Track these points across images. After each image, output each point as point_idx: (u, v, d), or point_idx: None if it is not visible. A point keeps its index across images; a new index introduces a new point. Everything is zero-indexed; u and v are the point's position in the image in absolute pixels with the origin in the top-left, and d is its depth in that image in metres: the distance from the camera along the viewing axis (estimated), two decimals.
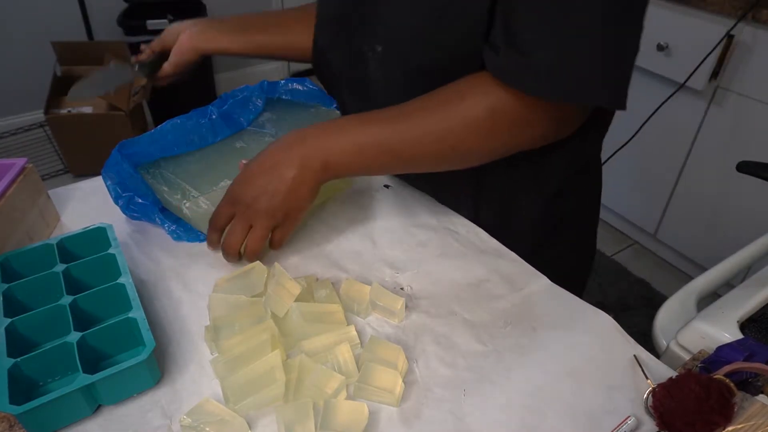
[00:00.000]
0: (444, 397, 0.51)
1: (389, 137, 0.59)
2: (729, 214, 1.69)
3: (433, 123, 0.58)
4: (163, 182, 0.70)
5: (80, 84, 0.80)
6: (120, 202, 0.69)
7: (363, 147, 0.59)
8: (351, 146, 0.59)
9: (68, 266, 0.58)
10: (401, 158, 0.60)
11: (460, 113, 0.58)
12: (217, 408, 0.48)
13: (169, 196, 0.68)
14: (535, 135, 0.60)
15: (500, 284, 0.63)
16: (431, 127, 0.58)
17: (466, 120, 0.57)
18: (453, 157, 0.61)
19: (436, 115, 0.58)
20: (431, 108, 0.59)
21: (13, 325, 0.52)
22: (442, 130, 0.58)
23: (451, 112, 0.58)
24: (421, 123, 0.59)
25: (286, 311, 0.56)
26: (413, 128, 0.59)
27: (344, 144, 0.59)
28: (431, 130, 0.58)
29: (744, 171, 1.05)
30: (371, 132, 0.59)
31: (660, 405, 0.47)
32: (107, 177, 0.69)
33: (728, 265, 0.85)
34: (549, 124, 0.60)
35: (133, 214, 0.69)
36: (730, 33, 1.48)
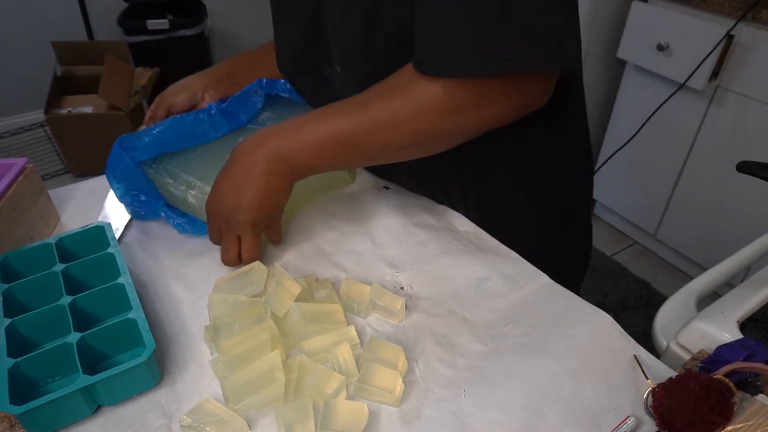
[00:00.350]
0: (444, 397, 0.51)
1: (346, 130, 0.59)
2: (729, 214, 1.69)
3: (387, 112, 0.58)
4: (166, 175, 0.70)
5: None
6: (126, 200, 0.68)
7: (322, 143, 0.59)
8: (310, 145, 0.59)
9: (67, 266, 0.58)
10: (362, 151, 0.60)
11: (410, 102, 0.57)
12: (217, 408, 0.48)
13: (173, 188, 0.68)
14: (489, 115, 0.58)
15: (500, 284, 0.63)
16: (385, 115, 0.58)
17: (417, 107, 0.57)
18: (415, 143, 0.60)
19: (388, 104, 0.58)
20: (382, 98, 0.59)
21: (13, 325, 0.52)
22: (395, 118, 0.58)
23: (401, 100, 0.57)
24: (376, 114, 0.58)
25: (286, 311, 0.56)
26: (368, 119, 0.58)
27: (303, 143, 0.59)
28: (385, 118, 0.58)
29: (744, 171, 1.04)
30: (328, 128, 0.59)
31: (660, 405, 0.47)
32: (111, 175, 0.69)
33: (728, 265, 0.85)
34: (497, 100, 0.57)
35: (139, 211, 0.69)
36: (730, 33, 1.48)
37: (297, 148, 0.59)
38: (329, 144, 0.59)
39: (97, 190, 0.78)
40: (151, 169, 0.71)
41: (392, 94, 0.58)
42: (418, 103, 0.57)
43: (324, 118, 0.60)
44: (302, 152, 0.59)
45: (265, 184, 0.59)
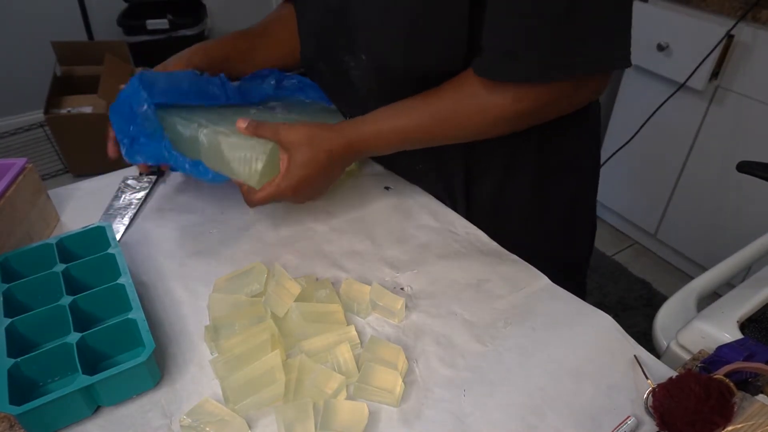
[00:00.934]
0: (444, 397, 0.51)
1: (414, 129, 0.64)
2: (729, 214, 1.69)
3: (454, 120, 0.64)
4: (176, 115, 0.68)
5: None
6: (125, 141, 0.66)
7: (388, 138, 0.66)
8: (384, 142, 0.66)
9: (68, 266, 0.58)
10: (425, 143, 0.67)
11: (476, 109, 0.62)
12: (217, 408, 0.48)
13: (183, 126, 0.66)
14: (552, 113, 0.64)
15: (500, 284, 0.63)
16: (452, 122, 0.64)
17: (484, 115, 0.62)
18: (475, 138, 0.66)
19: (454, 111, 0.63)
20: (446, 104, 0.63)
21: (13, 325, 0.52)
22: (460, 123, 0.63)
23: (467, 107, 0.62)
24: (442, 118, 0.64)
25: (286, 311, 0.56)
26: (435, 123, 0.64)
27: (377, 142, 0.66)
28: (452, 124, 0.64)
29: (744, 171, 1.04)
30: (398, 128, 0.65)
31: (660, 405, 0.47)
32: (115, 113, 0.67)
33: (728, 265, 0.85)
34: (561, 100, 0.62)
35: (136, 157, 0.66)
36: (730, 33, 1.48)
37: (371, 146, 0.66)
38: (395, 139, 0.66)
39: (97, 190, 0.78)
40: (161, 110, 0.69)
41: (459, 101, 0.62)
42: (486, 111, 0.61)
43: (398, 117, 0.65)
44: (373, 147, 0.66)
45: (336, 175, 0.68)
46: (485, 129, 0.64)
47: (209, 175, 0.65)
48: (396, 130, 0.65)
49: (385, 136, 0.65)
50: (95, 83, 2.23)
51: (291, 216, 0.73)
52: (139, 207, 0.75)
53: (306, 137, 0.63)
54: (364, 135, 0.65)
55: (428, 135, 0.65)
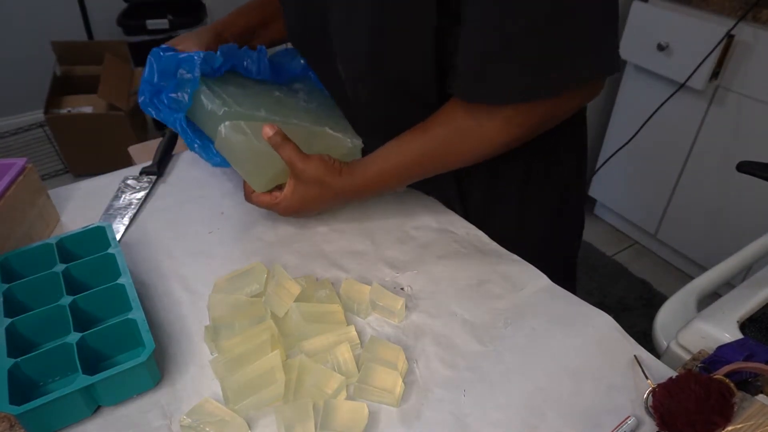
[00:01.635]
0: (444, 397, 0.51)
1: (409, 164, 0.65)
2: (729, 214, 1.69)
3: (451, 154, 0.64)
4: (204, 85, 0.66)
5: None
6: (147, 90, 0.66)
7: (388, 176, 0.66)
8: (379, 183, 0.67)
9: (68, 266, 0.58)
10: (417, 176, 0.67)
11: (471, 140, 0.62)
12: (217, 408, 0.48)
13: (207, 98, 0.65)
14: (549, 124, 0.62)
15: (500, 284, 0.63)
16: (449, 155, 0.64)
17: (480, 142, 0.62)
18: (457, 165, 0.66)
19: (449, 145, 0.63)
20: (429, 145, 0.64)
21: (14, 325, 0.52)
22: (459, 154, 0.63)
23: (462, 141, 0.62)
24: (438, 151, 0.64)
25: (286, 311, 0.56)
26: (430, 156, 0.64)
27: (373, 184, 0.67)
28: (448, 156, 0.64)
29: (744, 171, 1.04)
30: (393, 160, 0.65)
31: (660, 405, 0.47)
32: (156, 57, 0.66)
33: (728, 265, 0.85)
34: (556, 112, 0.61)
35: (149, 110, 0.66)
36: (730, 33, 1.48)
37: (375, 187, 0.68)
38: (396, 177, 0.67)
39: (97, 190, 0.78)
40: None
41: (450, 136, 0.62)
42: (480, 140, 0.61)
43: (393, 159, 0.65)
44: (377, 188, 0.68)
45: (331, 203, 0.69)
46: (483, 154, 0.63)
47: (216, 160, 0.66)
48: (397, 167, 0.65)
49: (387, 176, 0.66)
50: (95, 83, 2.23)
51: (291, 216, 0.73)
52: (139, 207, 0.75)
53: (318, 178, 0.64)
54: (370, 177, 0.66)
55: (427, 170, 0.66)
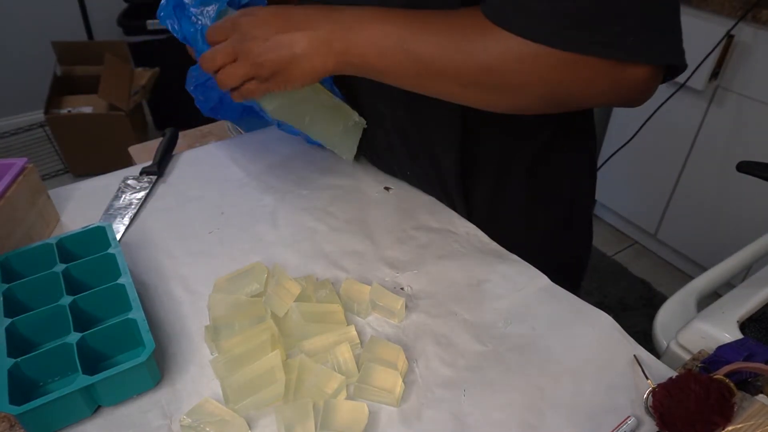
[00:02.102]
0: (444, 397, 0.51)
1: (421, 46, 0.53)
2: (729, 214, 1.69)
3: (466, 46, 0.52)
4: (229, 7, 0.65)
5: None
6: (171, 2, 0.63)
7: (390, 48, 0.54)
8: (373, 47, 0.55)
9: (68, 266, 0.58)
10: (426, 70, 0.55)
11: (492, 46, 0.51)
12: (217, 408, 0.48)
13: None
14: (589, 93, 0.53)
15: (500, 284, 0.63)
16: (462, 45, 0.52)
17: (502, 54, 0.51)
18: (485, 85, 0.54)
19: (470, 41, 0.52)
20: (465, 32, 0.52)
21: (14, 325, 0.52)
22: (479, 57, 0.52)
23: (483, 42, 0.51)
24: (452, 43, 0.52)
25: (286, 311, 0.56)
26: (448, 44, 0.53)
27: (365, 43, 0.55)
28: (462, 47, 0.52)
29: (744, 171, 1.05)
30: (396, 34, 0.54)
31: (660, 405, 0.47)
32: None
33: (728, 265, 0.85)
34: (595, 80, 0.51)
35: (167, 21, 0.64)
36: (730, 33, 1.48)
37: (357, 44, 0.55)
38: (394, 52, 0.54)
39: (97, 190, 0.78)
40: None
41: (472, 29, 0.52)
42: (504, 51, 0.50)
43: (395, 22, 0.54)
44: (367, 46, 0.55)
45: (303, 50, 0.55)
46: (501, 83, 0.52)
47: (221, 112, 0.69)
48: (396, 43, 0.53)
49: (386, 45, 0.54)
50: (95, 83, 2.23)
51: (291, 216, 0.74)
52: (139, 207, 0.75)
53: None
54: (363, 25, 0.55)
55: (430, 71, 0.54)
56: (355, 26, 0.55)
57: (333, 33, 0.55)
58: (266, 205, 0.75)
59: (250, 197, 0.77)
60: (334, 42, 0.55)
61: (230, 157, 0.85)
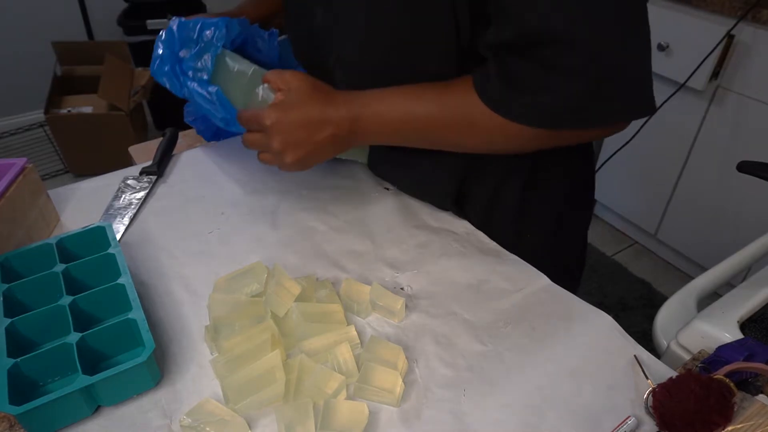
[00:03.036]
0: (444, 397, 0.51)
1: (419, 117, 0.61)
2: (729, 214, 1.69)
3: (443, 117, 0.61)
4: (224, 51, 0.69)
5: None
6: (168, 55, 0.69)
7: (398, 126, 0.63)
8: (389, 127, 0.63)
9: (68, 266, 0.58)
10: (431, 141, 0.65)
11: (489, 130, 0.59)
12: (217, 408, 0.48)
13: (233, 59, 0.68)
14: (576, 140, 0.63)
15: (500, 284, 0.63)
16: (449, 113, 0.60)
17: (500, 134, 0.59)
18: (486, 150, 0.64)
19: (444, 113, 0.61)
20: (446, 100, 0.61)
21: (13, 325, 0.52)
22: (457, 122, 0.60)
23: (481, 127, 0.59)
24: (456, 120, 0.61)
25: (286, 311, 0.56)
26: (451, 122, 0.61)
27: (383, 126, 0.63)
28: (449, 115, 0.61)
29: (744, 171, 1.05)
30: (402, 108, 0.62)
31: (660, 405, 0.47)
32: (175, 21, 0.69)
33: (728, 265, 0.85)
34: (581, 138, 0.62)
35: (163, 79, 0.70)
36: (730, 33, 1.48)
37: (375, 127, 0.63)
38: (397, 122, 0.62)
39: (97, 190, 0.78)
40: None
41: (469, 103, 0.59)
42: (502, 132, 0.59)
43: (399, 98, 0.62)
44: (376, 132, 0.64)
45: (329, 144, 0.63)
46: (495, 147, 0.62)
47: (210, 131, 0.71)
48: (405, 114, 0.61)
49: (386, 120, 0.62)
50: (95, 83, 2.23)
51: (291, 216, 0.74)
52: (139, 207, 0.75)
53: (309, 85, 0.63)
54: (368, 113, 0.62)
55: (430, 137, 0.63)
56: (366, 112, 0.62)
57: (347, 128, 0.63)
58: (266, 205, 0.75)
59: (250, 197, 0.77)
60: (351, 137, 0.64)
61: (230, 157, 0.85)
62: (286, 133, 0.62)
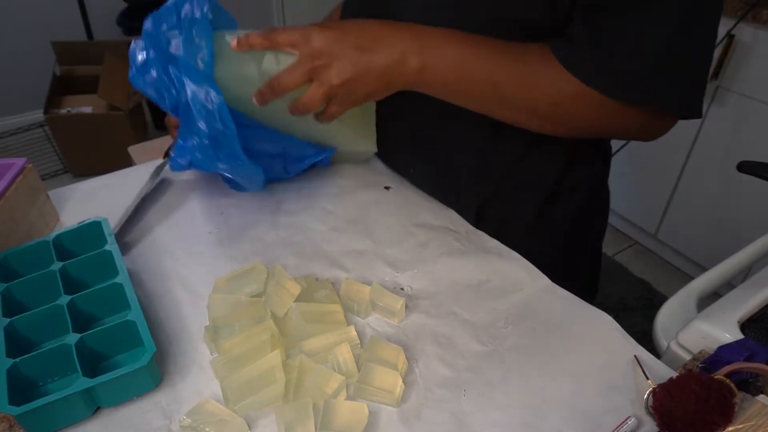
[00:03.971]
0: (444, 397, 0.50)
1: (493, 72, 0.56)
2: (729, 214, 1.69)
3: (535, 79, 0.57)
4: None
5: None
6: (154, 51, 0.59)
7: (466, 70, 0.56)
8: (454, 67, 0.56)
9: (65, 264, 0.58)
10: (496, 97, 0.58)
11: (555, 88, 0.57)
12: (216, 408, 0.48)
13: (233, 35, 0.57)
14: (623, 129, 0.62)
15: (500, 284, 0.63)
16: (532, 80, 0.57)
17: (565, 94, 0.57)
18: (544, 115, 0.59)
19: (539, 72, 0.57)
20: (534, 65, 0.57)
21: (12, 324, 0.52)
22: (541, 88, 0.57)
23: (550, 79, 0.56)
24: (525, 72, 0.57)
25: (286, 311, 0.56)
26: (519, 74, 0.57)
27: (448, 61, 0.56)
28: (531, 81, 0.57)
29: (745, 171, 1.05)
30: (480, 60, 0.56)
31: (660, 405, 0.47)
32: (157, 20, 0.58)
33: (729, 265, 0.85)
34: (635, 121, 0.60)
35: (145, 89, 0.59)
36: (731, 33, 1.48)
37: (441, 59, 0.56)
38: (472, 74, 0.56)
39: (97, 190, 0.78)
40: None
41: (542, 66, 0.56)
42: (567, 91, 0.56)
43: (479, 49, 0.57)
44: (443, 67, 0.56)
45: (387, 65, 0.55)
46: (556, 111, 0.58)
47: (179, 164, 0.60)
48: (468, 63, 0.56)
49: (449, 60, 0.56)
50: (95, 83, 2.23)
51: (291, 216, 0.73)
52: (140, 206, 0.75)
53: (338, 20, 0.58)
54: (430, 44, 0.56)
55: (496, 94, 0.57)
56: (431, 45, 0.56)
57: (410, 51, 0.55)
58: (266, 205, 0.75)
59: (250, 197, 0.77)
60: (410, 59, 0.55)
61: None
62: (333, 40, 0.54)
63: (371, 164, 0.83)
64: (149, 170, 0.80)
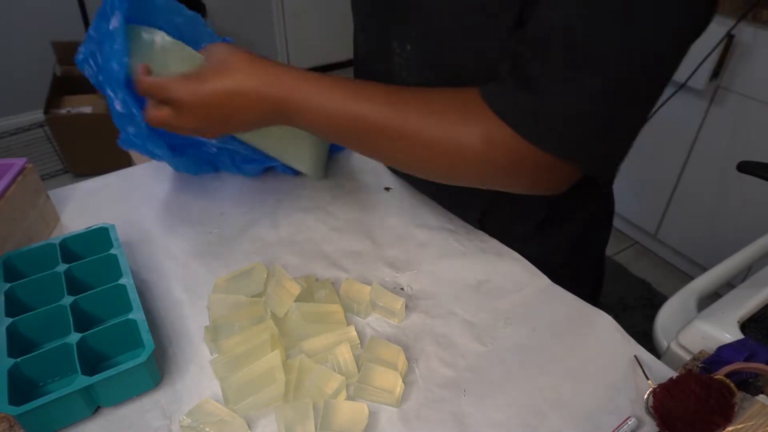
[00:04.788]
0: (444, 397, 0.51)
1: (372, 122, 0.52)
2: (729, 214, 1.69)
3: (426, 127, 0.51)
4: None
5: None
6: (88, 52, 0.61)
7: (337, 120, 0.52)
8: (324, 116, 0.53)
9: (70, 266, 0.58)
10: (374, 149, 0.55)
11: (455, 131, 0.51)
12: (216, 408, 0.48)
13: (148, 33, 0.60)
14: (523, 183, 0.54)
15: (500, 284, 0.63)
16: (423, 130, 0.51)
17: (459, 143, 0.51)
18: (434, 170, 0.54)
19: (431, 121, 0.51)
20: (429, 111, 0.52)
21: (14, 325, 0.52)
22: (432, 139, 0.51)
23: (449, 125, 0.51)
24: (413, 121, 0.51)
25: (286, 311, 0.56)
26: (404, 122, 0.51)
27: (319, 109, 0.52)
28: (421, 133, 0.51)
29: (745, 171, 1.05)
30: (354, 108, 0.52)
31: (660, 405, 0.47)
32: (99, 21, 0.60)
33: (729, 265, 0.85)
34: (540, 174, 0.52)
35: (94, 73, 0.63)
36: (731, 33, 1.48)
37: (308, 109, 0.52)
38: (344, 123, 0.52)
39: (97, 190, 0.78)
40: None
41: (443, 115, 0.51)
42: (476, 141, 0.50)
43: (356, 96, 0.52)
44: (310, 116, 0.53)
45: (252, 123, 0.55)
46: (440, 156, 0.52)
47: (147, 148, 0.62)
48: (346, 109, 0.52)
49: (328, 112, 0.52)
50: None
51: (291, 216, 0.73)
52: (140, 206, 0.74)
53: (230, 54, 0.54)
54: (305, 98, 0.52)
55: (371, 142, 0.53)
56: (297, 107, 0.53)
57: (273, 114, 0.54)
58: (266, 205, 0.75)
59: (250, 197, 0.77)
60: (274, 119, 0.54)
61: None
62: (201, 109, 0.52)
63: (371, 165, 0.84)
64: (149, 170, 0.80)
